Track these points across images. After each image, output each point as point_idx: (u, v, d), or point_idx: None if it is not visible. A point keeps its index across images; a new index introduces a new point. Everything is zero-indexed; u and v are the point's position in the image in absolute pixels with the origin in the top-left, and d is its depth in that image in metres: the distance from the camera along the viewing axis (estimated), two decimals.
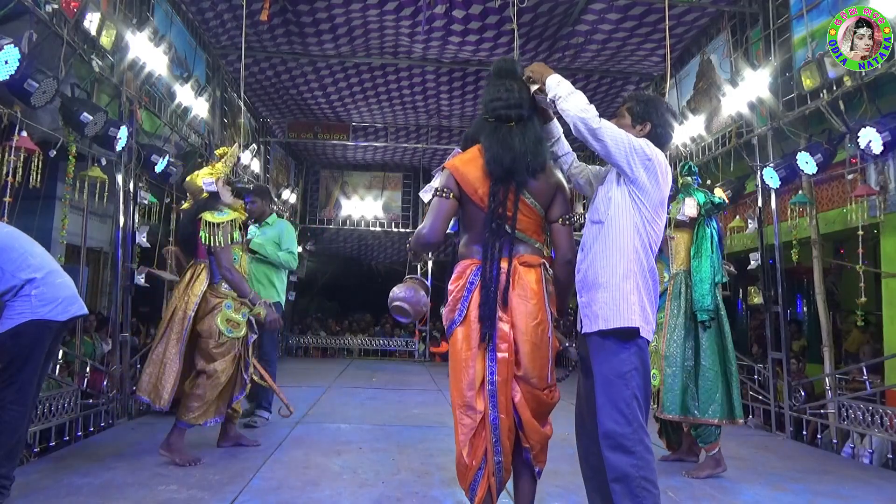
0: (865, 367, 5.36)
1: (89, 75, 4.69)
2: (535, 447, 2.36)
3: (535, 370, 2.32)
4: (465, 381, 2.32)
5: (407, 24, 6.61)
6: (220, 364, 3.70)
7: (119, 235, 5.03)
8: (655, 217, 2.33)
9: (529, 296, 2.31)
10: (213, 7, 6.30)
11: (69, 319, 2.96)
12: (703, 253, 3.88)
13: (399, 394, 7.09)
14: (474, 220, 2.41)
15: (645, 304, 2.26)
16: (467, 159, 2.44)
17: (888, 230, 5.22)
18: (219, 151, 4.07)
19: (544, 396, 2.35)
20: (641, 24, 6.37)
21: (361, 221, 12.33)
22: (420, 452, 4.12)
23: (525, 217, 2.38)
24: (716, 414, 3.74)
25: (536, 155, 2.36)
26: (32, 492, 3.05)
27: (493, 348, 2.30)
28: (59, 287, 2.93)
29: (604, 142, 2.24)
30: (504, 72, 2.49)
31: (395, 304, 2.61)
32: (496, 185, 2.35)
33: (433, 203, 2.40)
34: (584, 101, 2.28)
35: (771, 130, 5.53)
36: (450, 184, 2.40)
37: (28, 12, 3.75)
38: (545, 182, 2.40)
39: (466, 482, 2.33)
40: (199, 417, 3.65)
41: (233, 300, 3.80)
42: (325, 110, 9.49)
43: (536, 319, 2.31)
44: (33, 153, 3.96)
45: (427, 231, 2.36)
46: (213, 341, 3.70)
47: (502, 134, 2.37)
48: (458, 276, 2.41)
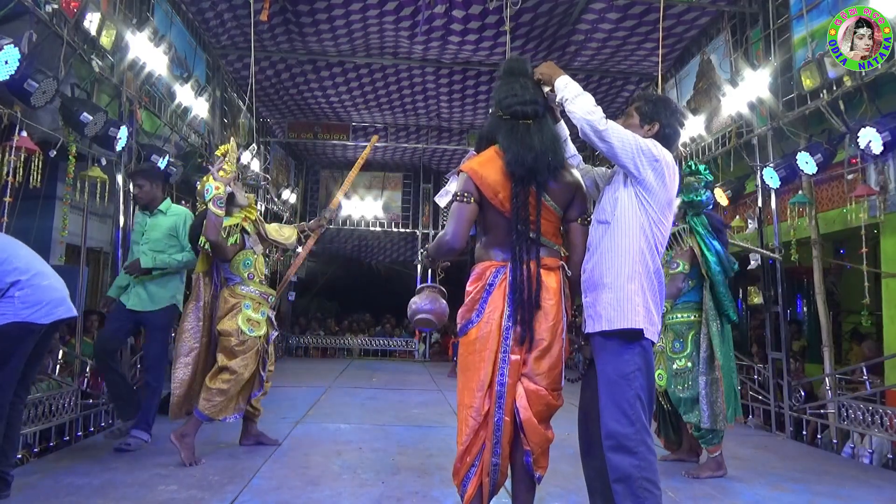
0: (865, 367, 5.36)
1: (89, 75, 4.69)
2: (536, 450, 2.32)
3: (543, 370, 2.31)
4: (475, 382, 2.31)
5: (406, 24, 6.61)
6: (241, 360, 3.74)
7: (119, 235, 5.02)
8: (662, 218, 2.32)
9: (548, 297, 2.31)
10: (213, 7, 6.30)
11: (54, 322, 2.92)
12: (707, 252, 3.82)
13: (399, 394, 7.09)
14: (495, 223, 2.39)
15: (650, 305, 2.26)
16: (485, 161, 2.40)
17: (888, 230, 5.22)
18: (219, 151, 4.06)
19: (552, 398, 2.33)
20: (641, 24, 6.37)
21: (361, 221, 12.33)
22: (420, 452, 4.12)
23: (546, 220, 2.38)
24: (731, 417, 3.73)
25: (556, 153, 2.36)
26: (32, 492, 3.04)
27: (506, 351, 2.30)
28: (45, 290, 2.90)
29: (610, 143, 2.24)
30: (516, 70, 2.48)
31: (419, 317, 2.58)
32: (518, 187, 2.33)
33: (454, 208, 2.36)
34: (592, 104, 2.28)
35: (771, 130, 5.54)
36: (469, 187, 2.36)
37: (28, 12, 3.74)
38: (564, 182, 2.39)
39: (459, 478, 2.34)
40: (219, 412, 3.70)
41: (251, 300, 3.84)
42: (325, 110, 9.49)
43: (552, 321, 2.31)
44: (33, 153, 3.96)
45: (451, 237, 2.33)
46: (234, 340, 3.74)
47: (521, 133, 2.35)
48: (477, 277, 2.40)
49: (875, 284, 5.31)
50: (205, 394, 3.68)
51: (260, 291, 3.93)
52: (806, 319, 9.20)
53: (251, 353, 3.79)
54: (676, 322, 3.94)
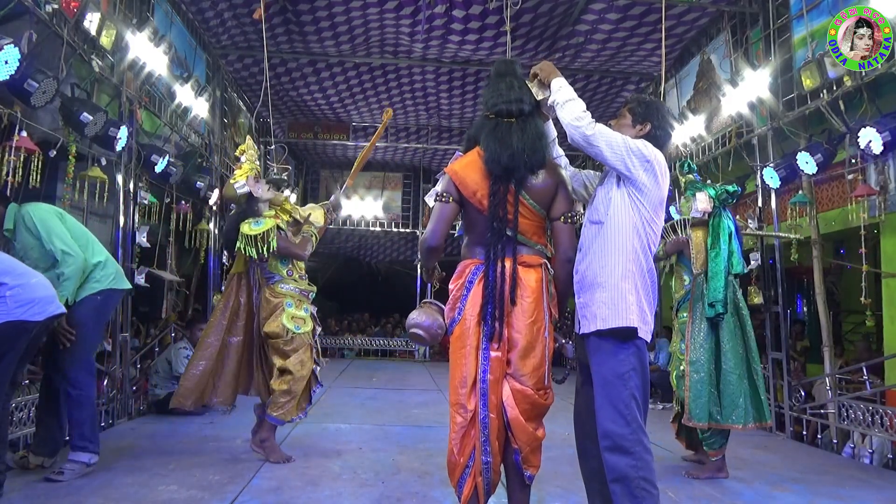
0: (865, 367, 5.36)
1: (89, 75, 4.69)
2: (524, 448, 2.32)
3: (528, 369, 2.31)
4: (458, 379, 2.35)
5: (407, 23, 6.61)
6: (296, 359, 3.77)
7: (119, 235, 5.03)
8: (655, 217, 2.35)
9: (526, 294, 2.32)
10: (213, 7, 6.30)
11: (47, 319, 2.92)
12: (721, 245, 3.76)
13: (399, 394, 7.09)
14: (475, 222, 2.43)
15: (643, 304, 2.27)
16: (466, 163, 2.46)
17: (888, 230, 5.22)
18: (238, 151, 4.04)
19: (537, 397, 2.32)
20: (641, 24, 6.37)
21: (361, 221, 12.33)
22: (420, 452, 4.12)
23: (525, 219, 2.39)
24: (739, 420, 3.65)
25: (535, 151, 2.36)
26: (32, 491, 3.04)
27: (486, 347, 2.31)
28: (34, 287, 2.88)
29: (599, 147, 2.26)
30: (503, 71, 2.50)
31: (412, 331, 2.61)
32: (496, 185, 2.36)
33: (434, 208, 2.43)
34: (580, 109, 2.30)
35: (771, 130, 5.54)
36: (449, 188, 2.42)
37: (28, 12, 3.74)
38: (545, 180, 2.40)
39: (455, 479, 2.36)
40: (288, 413, 3.75)
41: (292, 298, 3.86)
42: (324, 110, 9.49)
43: (532, 318, 2.32)
44: (33, 153, 3.96)
45: (428, 236, 2.40)
46: (282, 340, 3.76)
47: (501, 131, 2.37)
48: (458, 275, 2.44)
49: (875, 284, 5.31)
50: (274, 398, 3.73)
51: (300, 289, 3.93)
52: (806, 319, 9.21)
53: (304, 350, 3.81)
54: (682, 322, 3.94)
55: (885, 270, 5.27)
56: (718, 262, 3.74)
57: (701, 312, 3.76)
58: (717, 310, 3.66)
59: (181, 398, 3.78)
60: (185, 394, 3.78)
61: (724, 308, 3.67)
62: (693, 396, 3.66)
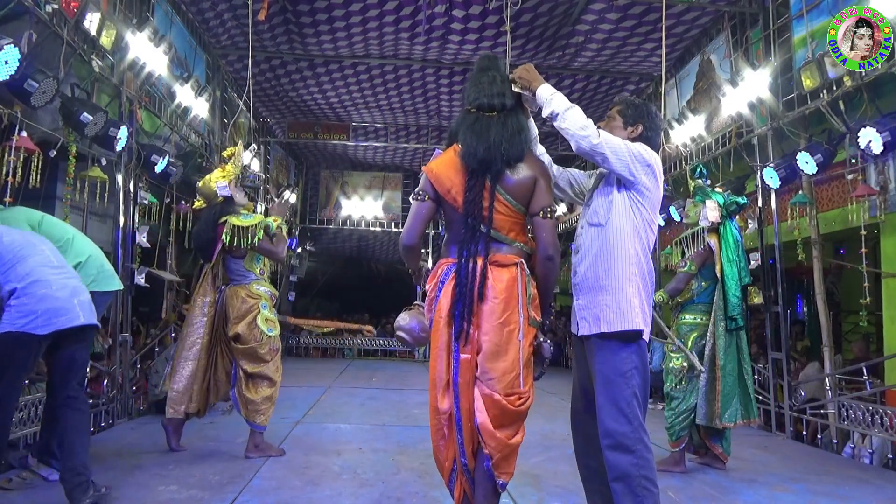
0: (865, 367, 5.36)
1: (89, 75, 4.69)
2: (495, 454, 2.19)
3: (496, 373, 2.19)
4: (432, 380, 2.30)
5: (407, 23, 6.61)
6: (273, 365, 3.80)
7: (119, 235, 5.03)
8: (654, 218, 2.38)
9: (494, 295, 2.23)
10: (213, 7, 6.30)
11: (52, 333, 2.74)
12: (731, 256, 3.84)
13: (399, 394, 7.09)
14: (451, 220, 2.39)
15: (644, 305, 2.28)
16: (442, 160, 2.42)
17: (888, 230, 5.22)
18: (226, 153, 4.06)
19: (506, 403, 2.18)
20: (641, 24, 6.37)
21: (361, 221, 12.33)
22: (420, 452, 4.11)
23: (501, 216, 2.31)
24: (732, 418, 3.80)
25: (512, 145, 2.29)
26: (32, 491, 3.04)
27: (456, 348, 2.24)
28: (41, 298, 2.73)
29: (604, 154, 2.26)
30: (485, 66, 2.46)
31: (398, 333, 2.60)
32: (472, 180, 2.31)
33: (411, 207, 2.41)
34: (583, 117, 2.28)
35: (771, 130, 5.53)
36: (426, 186, 2.38)
37: (28, 12, 3.74)
38: (523, 175, 2.31)
39: (445, 479, 2.34)
40: (268, 417, 3.79)
41: (267, 300, 3.85)
42: (325, 110, 9.49)
43: (500, 319, 2.21)
44: (33, 153, 3.96)
45: (404, 235, 2.39)
46: (256, 344, 3.74)
47: (480, 125, 2.33)
48: (433, 275, 2.40)
49: (875, 284, 5.31)
50: (252, 406, 3.72)
51: (270, 291, 3.94)
52: (806, 319, 9.21)
53: (278, 356, 3.84)
54: (682, 323, 3.98)
55: (885, 270, 5.27)
56: (733, 273, 3.82)
57: (720, 318, 3.86)
58: (738, 323, 3.84)
59: (176, 405, 3.78)
60: (179, 400, 3.78)
61: (744, 319, 3.85)
62: (724, 400, 3.80)
